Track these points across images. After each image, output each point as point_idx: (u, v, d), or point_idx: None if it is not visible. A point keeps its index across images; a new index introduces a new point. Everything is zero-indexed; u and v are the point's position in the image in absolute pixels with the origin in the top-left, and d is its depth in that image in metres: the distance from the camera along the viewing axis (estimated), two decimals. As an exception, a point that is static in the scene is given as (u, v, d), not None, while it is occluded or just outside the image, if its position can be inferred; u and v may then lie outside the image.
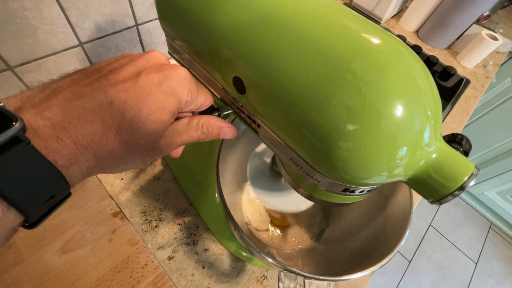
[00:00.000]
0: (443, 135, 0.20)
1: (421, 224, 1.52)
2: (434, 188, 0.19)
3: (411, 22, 0.86)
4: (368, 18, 0.37)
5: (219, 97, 0.28)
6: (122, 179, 0.47)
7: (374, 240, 0.35)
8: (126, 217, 0.41)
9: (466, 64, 0.81)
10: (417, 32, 0.88)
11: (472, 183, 0.18)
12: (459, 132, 0.57)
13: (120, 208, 0.41)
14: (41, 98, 0.15)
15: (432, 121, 0.18)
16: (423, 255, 1.41)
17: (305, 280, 0.29)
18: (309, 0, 0.20)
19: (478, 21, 0.78)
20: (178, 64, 0.24)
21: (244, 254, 0.42)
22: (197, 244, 0.43)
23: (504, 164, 1.27)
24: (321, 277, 0.27)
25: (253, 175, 0.45)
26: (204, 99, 0.22)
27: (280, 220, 0.45)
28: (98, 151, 0.16)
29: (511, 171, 1.26)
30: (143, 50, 0.53)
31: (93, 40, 0.45)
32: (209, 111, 0.25)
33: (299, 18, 0.19)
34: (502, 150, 1.25)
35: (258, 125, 0.24)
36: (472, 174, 0.17)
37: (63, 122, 0.14)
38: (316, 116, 0.18)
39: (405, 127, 0.17)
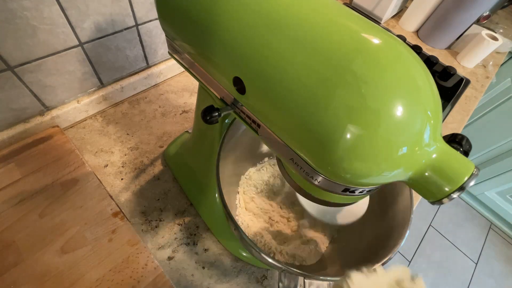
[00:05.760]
0: (443, 135, 0.20)
1: (421, 224, 1.52)
2: (434, 188, 0.19)
3: (411, 22, 0.86)
4: (368, 18, 0.37)
5: (219, 97, 0.28)
6: (122, 179, 0.47)
7: (374, 240, 0.35)
8: (126, 217, 0.41)
9: (466, 64, 0.81)
10: (417, 32, 0.88)
11: (472, 183, 0.18)
12: (459, 132, 0.57)
13: (120, 208, 0.41)
14: None
15: (432, 121, 0.18)
16: (423, 255, 1.41)
17: (305, 280, 0.29)
18: (309, 0, 0.20)
19: (478, 21, 0.78)
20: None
21: (244, 254, 0.42)
22: (197, 244, 0.43)
23: (504, 164, 1.27)
24: (321, 277, 0.27)
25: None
26: None
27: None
28: None
29: (511, 171, 1.26)
30: (143, 50, 0.54)
31: (93, 40, 0.45)
32: (209, 111, 0.25)
33: (299, 18, 0.19)
34: (502, 150, 1.25)
35: (258, 125, 0.24)
36: (472, 174, 0.17)
37: None
38: (316, 116, 0.18)
39: (405, 127, 0.17)
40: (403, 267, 0.23)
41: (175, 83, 0.62)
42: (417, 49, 0.74)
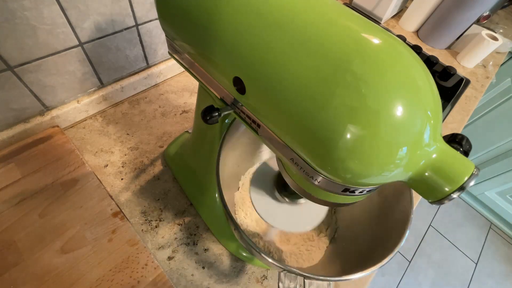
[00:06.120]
0: (443, 135, 0.20)
1: (421, 224, 1.52)
2: (434, 188, 0.19)
3: (411, 22, 0.86)
4: (368, 18, 0.37)
5: (219, 97, 0.28)
6: (122, 179, 0.47)
7: (374, 240, 0.35)
8: (126, 217, 0.41)
9: (466, 64, 0.81)
10: (417, 32, 0.88)
11: (472, 183, 0.18)
12: (459, 132, 0.57)
13: (120, 208, 0.41)
14: None
15: (432, 121, 0.18)
16: (423, 255, 1.41)
17: (305, 280, 0.29)
18: (309, 0, 0.20)
19: (478, 21, 0.78)
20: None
21: (244, 254, 0.42)
22: (197, 244, 0.43)
23: (504, 164, 1.27)
24: (321, 277, 0.27)
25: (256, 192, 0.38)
26: None
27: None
28: None
29: (511, 171, 1.26)
30: (143, 50, 0.54)
31: (93, 40, 0.45)
32: (209, 111, 0.25)
33: (299, 18, 0.19)
34: (502, 150, 1.25)
35: (258, 125, 0.24)
36: (472, 174, 0.17)
37: None
38: (316, 116, 0.18)
39: (405, 127, 0.17)
40: None
41: (175, 83, 0.62)
42: (417, 49, 0.74)
